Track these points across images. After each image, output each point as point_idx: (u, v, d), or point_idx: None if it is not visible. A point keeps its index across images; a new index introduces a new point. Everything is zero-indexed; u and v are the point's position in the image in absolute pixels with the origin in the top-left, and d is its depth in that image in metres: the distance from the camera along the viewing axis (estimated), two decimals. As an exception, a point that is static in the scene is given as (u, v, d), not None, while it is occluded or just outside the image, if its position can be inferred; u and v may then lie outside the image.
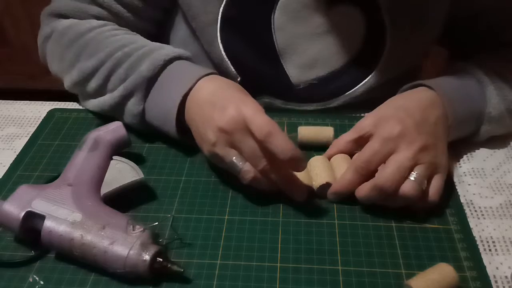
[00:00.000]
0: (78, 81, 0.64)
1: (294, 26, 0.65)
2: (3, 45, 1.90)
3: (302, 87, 0.68)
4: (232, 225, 0.52)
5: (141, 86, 0.59)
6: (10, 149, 0.63)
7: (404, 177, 0.50)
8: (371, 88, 0.68)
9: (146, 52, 0.60)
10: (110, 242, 0.46)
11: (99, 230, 0.47)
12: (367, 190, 0.51)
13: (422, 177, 0.50)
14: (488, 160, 0.60)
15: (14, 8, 1.80)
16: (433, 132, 0.53)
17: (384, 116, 0.54)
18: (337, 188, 0.53)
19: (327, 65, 0.67)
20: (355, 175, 0.52)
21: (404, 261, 0.48)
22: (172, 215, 0.53)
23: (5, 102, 0.72)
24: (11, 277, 0.48)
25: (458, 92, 0.59)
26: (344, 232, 0.51)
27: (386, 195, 0.51)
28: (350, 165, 0.53)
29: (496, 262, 0.49)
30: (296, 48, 0.66)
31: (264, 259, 0.49)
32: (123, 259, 0.45)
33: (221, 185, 0.57)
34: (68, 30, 0.66)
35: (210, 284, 0.47)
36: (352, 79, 0.68)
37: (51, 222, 0.47)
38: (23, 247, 0.50)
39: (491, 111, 0.59)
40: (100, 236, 0.46)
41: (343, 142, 0.56)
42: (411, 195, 0.50)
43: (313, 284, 0.46)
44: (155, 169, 0.59)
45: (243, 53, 0.67)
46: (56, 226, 0.47)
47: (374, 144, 0.52)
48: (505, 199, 0.55)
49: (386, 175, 0.50)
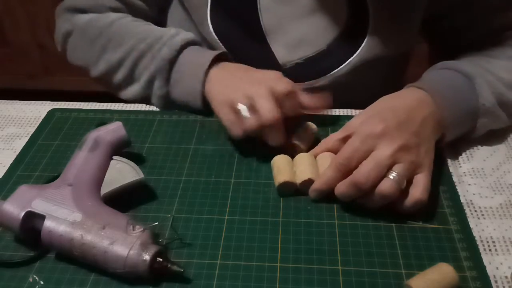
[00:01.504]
0: (105, 72, 0.70)
1: (279, 6, 0.67)
2: (3, 45, 1.90)
3: (289, 66, 0.70)
4: (232, 225, 0.52)
5: (163, 69, 0.65)
6: (10, 149, 0.63)
7: (381, 175, 0.50)
8: (356, 67, 0.69)
9: (164, 41, 0.66)
10: (110, 242, 0.46)
11: (99, 230, 0.47)
12: (345, 186, 0.51)
13: (401, 176, 0.50)
14: (488, 160, 0.60)
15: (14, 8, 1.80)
16: (417, 132, 0.53)
17: (370, 115, 0.55)
18: (318, 185, 0.54)
19: (312, 45, 0.69)
20: (336, 173, 0.52)
21: (404, 261, 0.48)
22: (172, 215, 0.53)
23: (5, 102, 0.72)
24: (11, 277, 0.48)
25: (449, 90, 0.59)
26: (344, 232, 0.51)
27: (363, 192, 0.50)
28: (331, 163, 0.53)
29: (496, 262, 0.49)
30: (282, 28, 0.68)
31: (264, 259, 0.49)
32: (123, 259, 0.45)
33: (221, 185, 0.57)
34: (90, 25, 0.71)
35: (210, 284, 0.47)
36: (337, 59, 0.69)
37: (51, 222, 0.47)
38: (23, 247, 0.50)
39: (485, 103, 0.59)
40: (100, 236, 0.46)
41: (331, 140, 0.57)
42: (388, 194, 0.50)
43: (313, 284, 0.46)
44: (155, 169, 0.59)
45: (231, 34, 0.69)
46: (56, 226, 0.47)
47: (354, 141, 0.53)
48: (505, 199, 0.55)
49: (363, 172, 0.50)
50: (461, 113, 0.58)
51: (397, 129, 0.52)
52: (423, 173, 0.52)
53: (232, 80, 0.61)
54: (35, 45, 1.87)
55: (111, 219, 0.48)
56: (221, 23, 0.69)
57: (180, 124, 0.66)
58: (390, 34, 0.68)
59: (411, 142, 0.52)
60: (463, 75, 0.60)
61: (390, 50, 0.69)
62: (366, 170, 0.50)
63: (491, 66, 0.62)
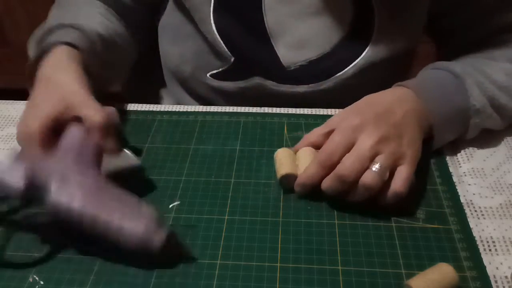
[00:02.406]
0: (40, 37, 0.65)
1: (283, 6, 0.66)
2: (3, 45, 1.90)
3: (293, 68, 0.70)
4: (232, 225, 0.52)
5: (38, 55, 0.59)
6: (10, 149, 0.63)
7: (364, 166, 0.50)
8: (361, 70, 0.69)
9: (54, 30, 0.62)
10: (124, 216, 0.45)
11: (112, 204, 0.46)
12: (330, 180, 0.52)
13: (383, 167, 0.50)
14: (488, 160, 0.60)
15: (14, 8, 1.80)
16: (398, 124, 0.53)
17: (349, 110, 0.56)
18: (302, 180, 0.54)
19: (317, 46, 0.68)
20: (319, 168, 0.53)
21: (404, 261, 0.48)
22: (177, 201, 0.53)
23: (5, 102, 0.72)
24: (11, 277, 0.48)
25: (435, 88, 0.59)
26: (344, 232, 0.51)
27: (348, 185, 0.51)
28: (314, 158, 0.54)
29: (496, 262, 0.49)
30: (286, 29, 0.68)
31: (264, 259, 0.49)
32: (138, 235, 0.45)
33: (221, 185, 0.57)
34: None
35: (210, 284, 0.47)
36: (342, 61, 0.69)
37: (60, 191, 0.45)
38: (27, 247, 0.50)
39: (475, 104, 0.59)
40: (114, 210, 0.45)
41: (314, 135, 0.57)
42: (371, 185, 0.50)
43: (313, 284, 0.46)
44: (155, 169, 0.59)
45: (235, 33, 0.68)
46: (66, 197, 0.45)
47: (335, 136, 0.53)
48: (505, 199, 0.55)
49: (346, 165, 0.50)
50: (449, 112, 0.58)
51: (375, 121, 0.53)
52: (404, 164, 0.52)
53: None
54: (35, 45, 1.87)
55: (123, 195, 0.47)
56: (224, 22, 0.68)
57: (180, 124, 0.66)
58: (395, 34, 0.68)
59: (391, 133, 0.52)
60: (453, 75, 0.60)
61: (395, 51, 0.69)
62: (349, 163, 0.50)
63: (487, 67, 0.62)
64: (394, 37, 0.68)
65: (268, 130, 0.65)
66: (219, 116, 0.68)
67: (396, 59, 0.70)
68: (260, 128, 0.65)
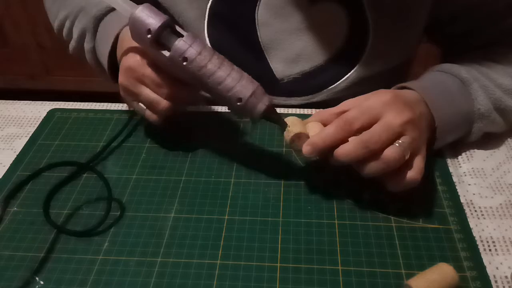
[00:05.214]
0: (58, 28, 0.76)
1: (277, 22, 0.67)
2: (3, 45, 1.90)
3: (286, 81, 0.70)
4: (232, 225, 0.52)
5: (90, 26, 0.68)
6: (10, 149, 0.63)
7: (390, 140, 0.49)
8: (353, 83, 0.69)
9: (96, 2, 0.68)
10: (235, 80, 0.51)
11: (229, 66, 0.52)
12: (352, 145, 0.50)
13: (407, 146, 0.49)
14: (488, 160, 0.60)
15: (14, 8, 1.80)
16: (417, 119, 0.52)
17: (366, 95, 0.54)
18: (315, 140, 0.51)
19: (310, 60, 0.69)
20: (337, 130, 0.50)
21: (404, 261, 0.48)
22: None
23: (5, 102, 0.72)
24: (11, 277, 0.48)
25: (440, 92, 0.59)
26: (344, 232, 0.51)
27: (368, 153, 0.49)
28: (334, 121, 0.51)
29: (496, 262, 0.49)
30: (280, 44, 0.68)
31: (264, 259, 0.49)
32: (246, 96, 0.51)
33: (221, 185, 0.57)
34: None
35: (210, 284, 0.47)
36: (335, 74, 0.69)
37: (189, 40, 0.51)
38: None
39: (480, 107, 0.58)
40: (229, 71, 0.51)
41: (326, 113, 0.55)
42: (393, 160, 0.49)
43: (313, 284, 0.46)
44: (155, 169, 0.59)
45: (229, 48, 0.69)
46: (194, 47, 0.51)
47: (363, 104, 0.51)
48: (505, 199, 0.55)
49: (374, 132, 0.49)
50: (453, 115, 0.58)
51: (404, 103, 0.52)
52: (420, 156, 0.52)
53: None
54: (35, 45, 1.87)
55: (235, 66, 0.53)
56: (218, 36, 0.69)
57: (180, 124, 0.66)
58: (390, 47, 0.68)
59: (416, 121, 0.51)
60: (458, 79, 0.60)
61: (390, 64, 0.69)
62: (377, 131, 0.49)
63: (492, 71, 0.62)
64: (388, 50, 0.68)
65: (268, 130, 0.65)
66: (219, 116, 0.68)
67: (390, 72, 0.70)
68: (260, 128, 0.65)
